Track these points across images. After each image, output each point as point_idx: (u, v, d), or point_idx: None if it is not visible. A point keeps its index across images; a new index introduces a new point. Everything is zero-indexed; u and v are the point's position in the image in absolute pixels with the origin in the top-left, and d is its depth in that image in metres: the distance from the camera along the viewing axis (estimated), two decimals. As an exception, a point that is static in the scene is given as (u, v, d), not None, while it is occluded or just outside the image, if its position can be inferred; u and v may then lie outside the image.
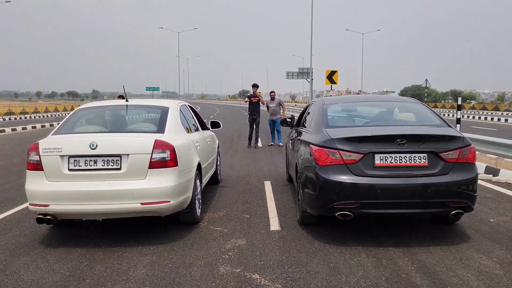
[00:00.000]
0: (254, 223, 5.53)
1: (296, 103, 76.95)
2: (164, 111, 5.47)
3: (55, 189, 4.57)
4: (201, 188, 5.90)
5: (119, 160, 4.60)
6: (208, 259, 4.32)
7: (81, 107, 5.80)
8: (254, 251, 4.53)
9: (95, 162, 4.60)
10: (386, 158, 4.49)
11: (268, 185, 7.83)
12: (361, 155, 4.49)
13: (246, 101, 14.52)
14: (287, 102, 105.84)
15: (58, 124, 5.42)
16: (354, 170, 4.49)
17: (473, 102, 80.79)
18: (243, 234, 5.07)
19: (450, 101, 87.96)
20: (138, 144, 4.70)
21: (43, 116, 43.79)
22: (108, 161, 4.59)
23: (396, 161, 4.49)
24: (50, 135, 5.08)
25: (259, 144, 14.34)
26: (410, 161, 4.49)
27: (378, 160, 4.49)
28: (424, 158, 4.49)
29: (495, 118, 34.27)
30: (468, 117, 38.81)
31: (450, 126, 4.98)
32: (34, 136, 20.04)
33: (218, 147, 8.24)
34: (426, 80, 45.53)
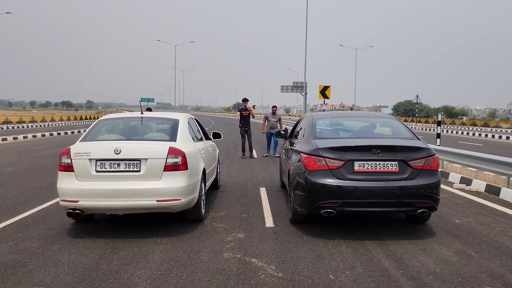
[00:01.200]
0: (252, 221, 6.36)
1: (290, 116, 78.14)
2: (175, 123, 6.33)
3: (84, 188, 5.39)
4: (205, 190, 6.73)
5: (139, 163, 5.44)
6: (213, 247, 5.15)
7: (102, 118, 6.65)
8: (252, 242, 5.37)
9: (119, 165, 5.43)
10: (364, 164, 5.37)
11: (263, 191, 8.68)
12: (343, 162, 5.37)
13: (238, 116, 15.46)
14: (282, 115, 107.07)
15: (57, 133, 6.24)
16: (337, 175, 5.36)
17: (464, 118, 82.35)
18: (242, 230, 5.90)
19: (442, 117, 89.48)
20: (155, 150, 5.55)
21: (40, 126, 44.43)
22: (129, 164, 5.43)
23: (372, 167, 5.37)
24: (77, 141, 5.91)
25: (254, 154, 15.35)
26: (384, 167, 5.37)
27: (357, 166, 5.37)
28: (395, 165, 5.38)
29: (483, 134, 35.42)
30: (457, 132, 39.98)
31: (418, 139, 5.88)
32: (37, 145, 20.81)
33: (218, 156, 9.09)
34: (417, 96, 46.82)
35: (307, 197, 5.51)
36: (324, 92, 29.45)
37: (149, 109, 17.42)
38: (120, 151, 5.42)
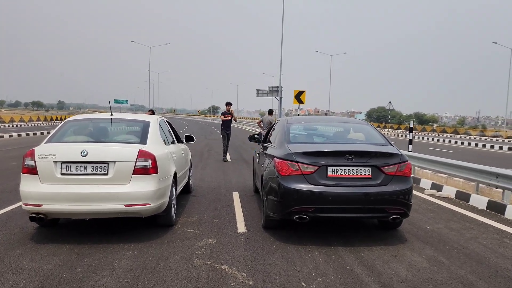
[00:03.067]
0: (223, 226, 6.24)
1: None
2: (146, 125, 6.16)
3: (48, 191, 5.16)
4: (176, 195, 6.57)
5: (107, 166, 5.24)
6: (183, 254, 5.00)
7: (70, 119, 6.41)
8: (223, 248, 5.24)
9: (85, 167, 5.23)
10: (337, 170, 5.33)
11: (236, 195, 8.56)
12: (316, 167, 5.32)
13: (222, 119, 15.52)
14: (256, 119, 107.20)
15: (26, 134, 5.99)
16: (310, 180, 5.30)
17: (435, 125, 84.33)
18: (213, 235, 5.77)
19: (414, 123, 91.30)
20: (124, 153, 5.37)
21: (9, 126, 43.10)
22: (96, 167, 5.23)
23: (345, 172, 5.33)
24: (43, 143, 5.66)
25: (228, 158, 15.38)
26: (357, 173, 5.34)
27: (330, 171, 5.32)
28: (369, 171, 5.36)
29: (453, 141, 36.26)
30: (427, 139, 40.83)
31: (391, 145, 5.88)
32: (4, 146, 20.11)
33: (190, 160, 8.93)
34: (390, 102, 47.62)
35: (280, 203, 5.43)
36: (299, 97, 29.61)
37: (151, 111, 16.91)
38: (87, 153, 5.21)
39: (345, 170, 5.34)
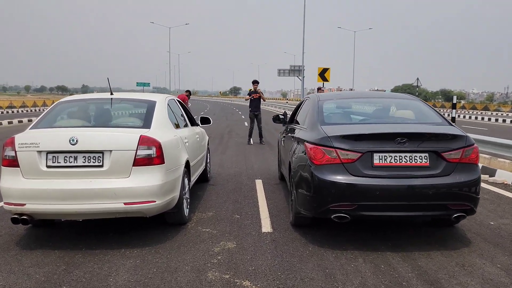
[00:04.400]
0: (245, 224, 5.26)
1: (287, 101, 76.64)
2: (151, 105, 5.17)
3: (31, 187, 4.25)
4: (189, 187, 5.61)
5: (101, 156, 4.29)
6: (195, 264, 4.04)
7: (62, 99, 5.47)
8: (244, 255, 4.26)
9: (75, 158, 4.29)
10: (386, 157, 4.24)
11: (259, 184, 7.57)
12: (359, 154, 4.24)
13: (247, 99, 14.39)
14: (279, 99, 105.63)
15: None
16: (351, 170, 4.23)
17: (462, 101, 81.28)
18: (233, 236, 4.80)
19: (440, 100, 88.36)
20: (122, 139, 4.39)
21: (31, 111, 43.05)
22: (89, 158, 4.29)
23: (396, 160, 4.24)
24: (28, 129, 4.75)
25: (264, 140, 14.19)
26: (411, 161, 4.24)
27: (377, 159, 4.24)
28: (426, 158, 4.25)
29: (486, 118, 34.36)
30: (458, 116, 38.89)
31: (451, 125, 4.74)
32: (20, 131, 19.57)
33: (208, 144, 7.95)
34: (418, 79, 45.61)
35: (313, 198, 4.39)
36: (323, 74, 28.20)
37: (188, 92, 16.23)
38: (76, 141, 4.26)
39: (395, 158, 4.24)
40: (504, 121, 31.55)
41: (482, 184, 7.51)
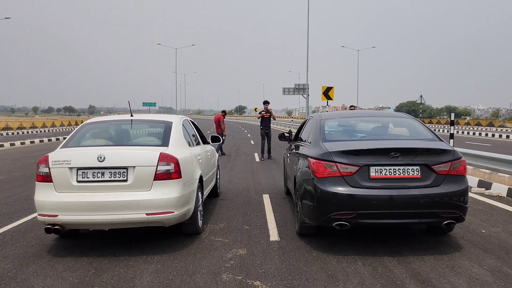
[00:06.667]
0: (254, 234, 5.71)
1: (292, 119, 77.33)
2: (168, 126, 5.69)
3: (63, 200, 4.75)
4: (202, 200, 6.08)
5: (126, 172, 4.80)
6: (210, 268, 4.50)
7: (87, 121, 6.01)
8: (254, 260, 4.71)
9: (103, 174, 4.79)
10: (381, 170, 4.72)
11: (266, 198, 8.02)
12: (357, 168, 4.72)
13: (259, 117, 15.28)
14: (284, 117, 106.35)
15: (56, 139, 5.60)
16: (350, 182, 4.71)
17: (468, 118, 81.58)
18: (243, 244, 5.25)
19: (445, 117, 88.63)
20: (144, 156, 4.91)
21: (41, 131, 43.89)
22: (115, 173, 4.79)
23: (390, 173, 4.71)
24: (58, 148, 5.27)
25: (272, 155, 15.10)
26: (404, 173, 4.71)
27: (373, 172, 4.71)
28: (417, 170, 4.72)
29: (489, 134, 34.70)
30: (463, 132, 39.27)
31: (441, 140, 5.22)
32: (32, 151, 20.21)
33: (217, 161, 8.44)
34: (421, 96, 46.22)
35: (316, 208, 4.85)
36: (327, 93, 28.76)
37: (224, 112, 16.96)
38: (104, 158, 4.77)
39: (390, 170, 4.72)
40: (508, 136, 31.88)
41: (478, 197, 7.97)
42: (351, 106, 18.86)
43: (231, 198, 8.11)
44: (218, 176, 8.35)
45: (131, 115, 5.94)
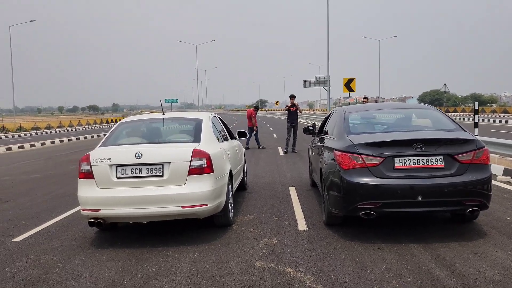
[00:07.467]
0: (283, 224, 5.95)
1: (314, 111, 77.16)
2: (198, 123, 5.98)
3: (105, 195, 5.09)
4: (232, 193, 6.36)
5: (162, 168, 5.10)
6: (244, 256, 4.77)
7: (122, 121, 6.35)
8: (285, 248, 4.96)
9: (140, 170, 5.11)
10: (405, 161, 4.89)
11: (293, 190, 8.26)
12: (382, 159, 4.90)
13: (285, 110, 15.74)
14: (305, 110, 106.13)
15: (84, 137, 5.94)
16: (375, 173, 4.90)
17: (494, 105, 79.78)
18: (273, 235, 5.50)
19: (470, 105, 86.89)
20: (178, 153, 5.20)
21: (68, 130, 45.08)
22: (152, 169, 5.10)
23: (414, 163, 4.88)
24: (97, 147, 5.62)
25: (296, 148, 15.47)
26: (428, 163, 4.88)
27: (397, 163, 4.89)
28: (441, 160, 4.88)
29: (517, 121, 34.02)
30: (488, 120, 38.60)
31: (464, 130, 5.35)
32: (63, 150, 20.92)
33: (244, 155, 8.72)
34: (445, 84, 45.49)
35: (343, 198, 5.07)
36: (348, 85, 28.77)
37: (256, 108, 17.42)
38: (141, 155, 5.09)
39: (414, 161, 4.89)
40: (535, 124, 31.23)
41: (504, 185, 8.03)
42: (364, 98, 19.00)
43: (258, 191, 8.37)
44: (245, 170, 8.62)
45: (163, 114, 6.25)
